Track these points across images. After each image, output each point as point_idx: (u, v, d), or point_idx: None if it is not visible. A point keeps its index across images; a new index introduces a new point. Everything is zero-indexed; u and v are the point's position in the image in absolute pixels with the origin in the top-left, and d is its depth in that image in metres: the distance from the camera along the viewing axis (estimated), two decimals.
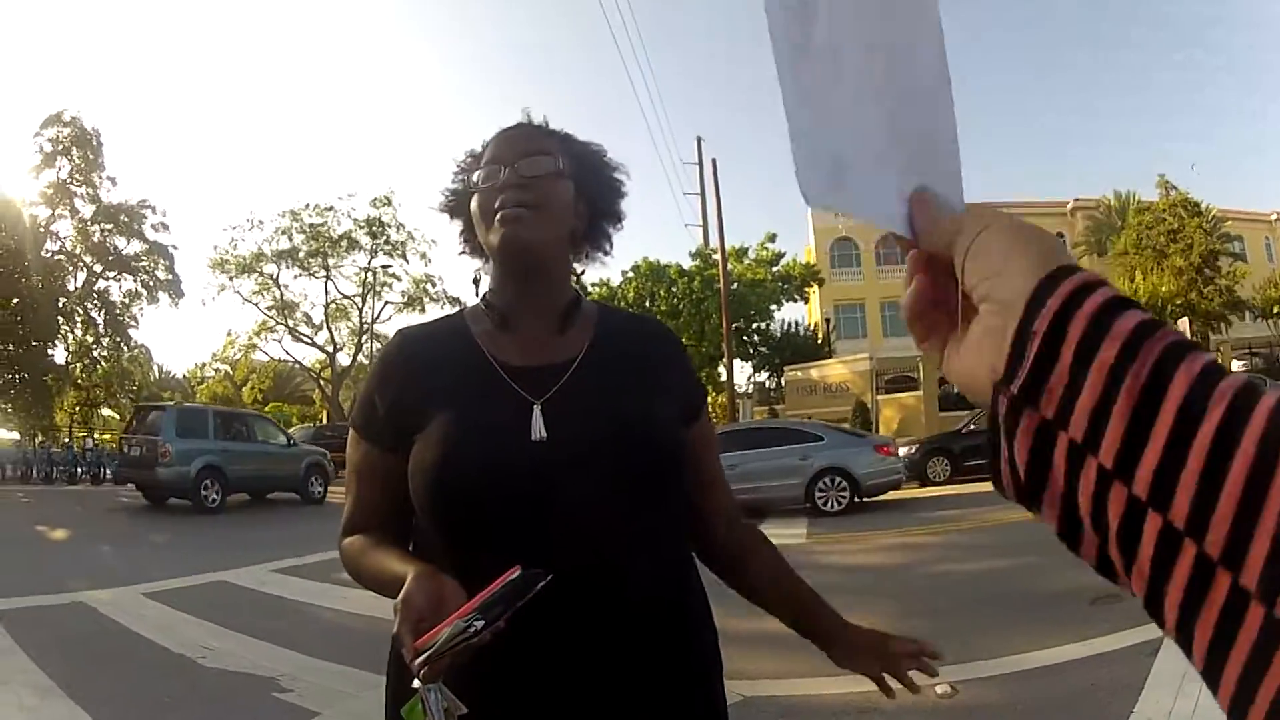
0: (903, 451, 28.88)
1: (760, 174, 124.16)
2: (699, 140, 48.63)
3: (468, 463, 1.90)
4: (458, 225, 2.29)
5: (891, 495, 25.46)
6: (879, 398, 41.01)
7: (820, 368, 46.04)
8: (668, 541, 2.05)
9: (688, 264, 51.85)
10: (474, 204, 2.07)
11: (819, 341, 56.30)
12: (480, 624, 1.54)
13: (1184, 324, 40.45)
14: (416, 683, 1.57)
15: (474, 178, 2.09)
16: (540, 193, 2.02)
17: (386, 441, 2.04)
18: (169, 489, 25.73)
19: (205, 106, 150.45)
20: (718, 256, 45.01)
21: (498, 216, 1.99)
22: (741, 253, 53.01)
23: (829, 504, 22.17)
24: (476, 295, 2.27)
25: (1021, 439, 0.72)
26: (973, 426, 29.91)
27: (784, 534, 17.96)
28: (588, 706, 1.86)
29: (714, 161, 45.55)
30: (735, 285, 47.62)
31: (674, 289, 50.05)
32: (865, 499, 22.63)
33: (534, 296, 2.10)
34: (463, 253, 2.31)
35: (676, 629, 2.01)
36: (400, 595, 1.65)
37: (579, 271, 2.35)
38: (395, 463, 1.99)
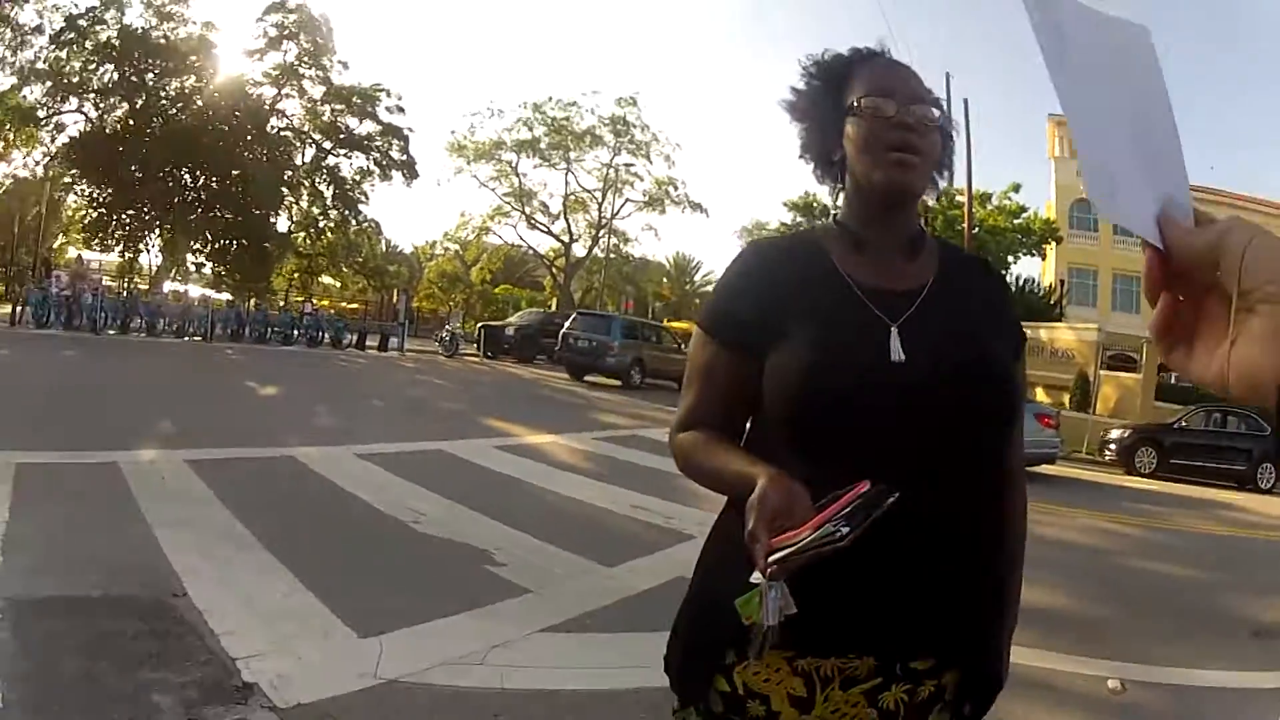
0: (1115, 434, 30.77)
1: (1008, 122, 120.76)
2: (948, 76, 47.27)
3: (833, 378, 1.97)
4: (796, 126, 2.29)
5: (1099, 478, 26.05)
6: (1101, 373, 40.17)
7: (1050, 330, 45.12)
8: (996, 478, 2.12)
9: (931, 201, 51.28)
10: (857, 128, 2.10)
11: (1050, 303, 55.17)
12: (846, 529, 1.62)
13: None
14: (756, 577, 1.69)
15: (859, 101, 2.11)
16: (926, 141, 2.09)
17: (741, 346, 2.12)
18: (612, 373, 36.03)
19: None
20: (963, 198, 44.56)
21: (891, 155, 2.05)
22: (985, 198, 52.64)
23: None
24: (834, 208, 2.31)
25: None
26: (1184, 424, 29.80)
27: None
28: (886, 617, 1.98)
29: (965, 100, 44.48)
30: (977, 230, 47.19)
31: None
32: None
33: (891, 225, 2.17)
34: (801, 156, 2.31)
35: (985, 563, 2.10)
36: (755, 494, 1.78)
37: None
38: (744, 367, 2.10)
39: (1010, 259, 52.93)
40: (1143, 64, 1.20)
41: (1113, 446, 30.12)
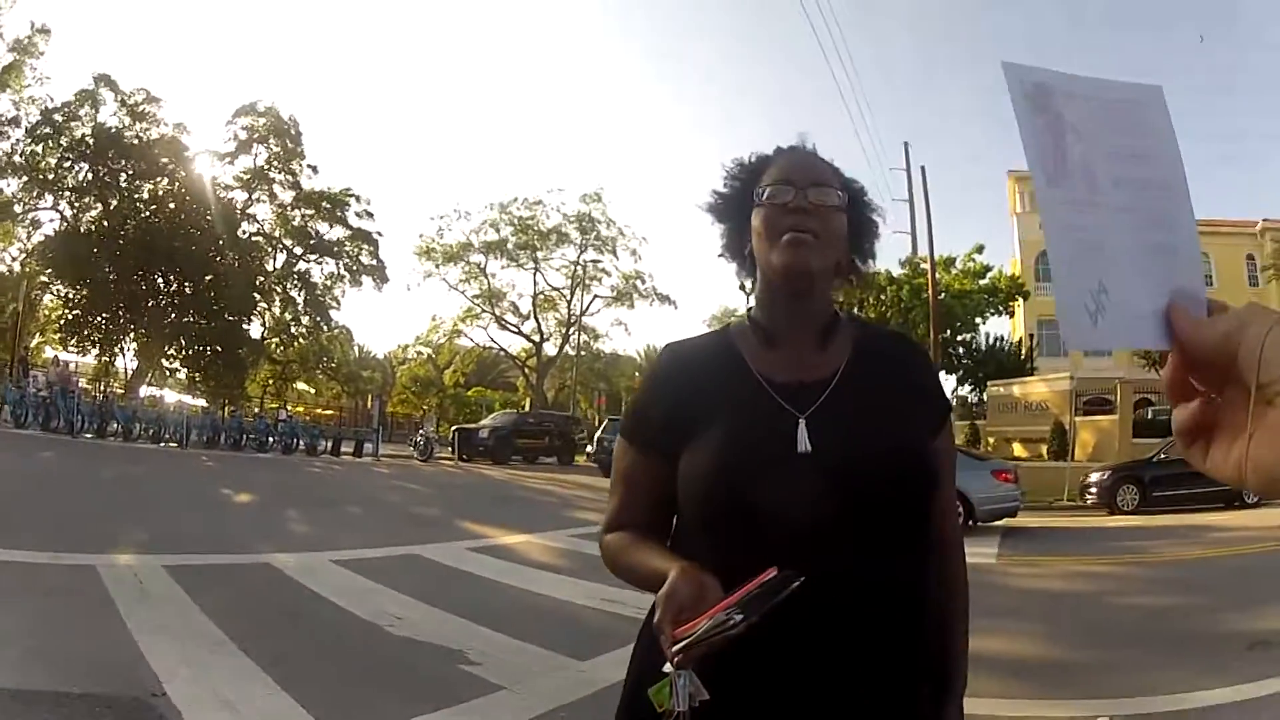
0: (1095, 477, 30.85)
1: (968, 182, 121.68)
2: (906, 145, 47.96)
3: (738, 472, 2.08)
4: (719, 228, 2.45)
5: (1082, 523, 26.49)
6: (1077, 419, 40.36)
7: (1022, 385, 45.77)
8: (914, 557, 2.16)
9: (896, 271, 51.39)
10: (759, 217, 2.24)
11: (1022, 358, 55.91)
12: (739, 617, 1.71)
13: None
14: (668, 667, 1.78)
15: (760, 192, 2.24)
16: (824, 223, 2.19)
17: (655, 449, 2.27)
18: None
19: (409, 98, 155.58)
20: (926, 266, 45.23)
21: (785, 238, 2.16)
22: (949, 263, 52.98)
23: None
24: (747, 302, 2.42)
25: None
26: (1163, 455, 29.61)
27: (976, 552, 18.15)
28: (813, 703, 2.02)
29: (923, 169, 45.09)
30: (943, 295, 47.53)
31: (883, 296, 49.80)
32: (979, 524, 22.32)
33: (799, 315, 2.27)
34: (721, 255, 2.47)
35: (908, 641, 2.12)
36: (664, 589, 1.87)
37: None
38: (661, 469, 2.23)
39: (978, 320, 53.45)
40: (1154, 130, 1.24)
41: (1093, 490, 30.33)
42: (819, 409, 2.15)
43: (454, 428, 52.80)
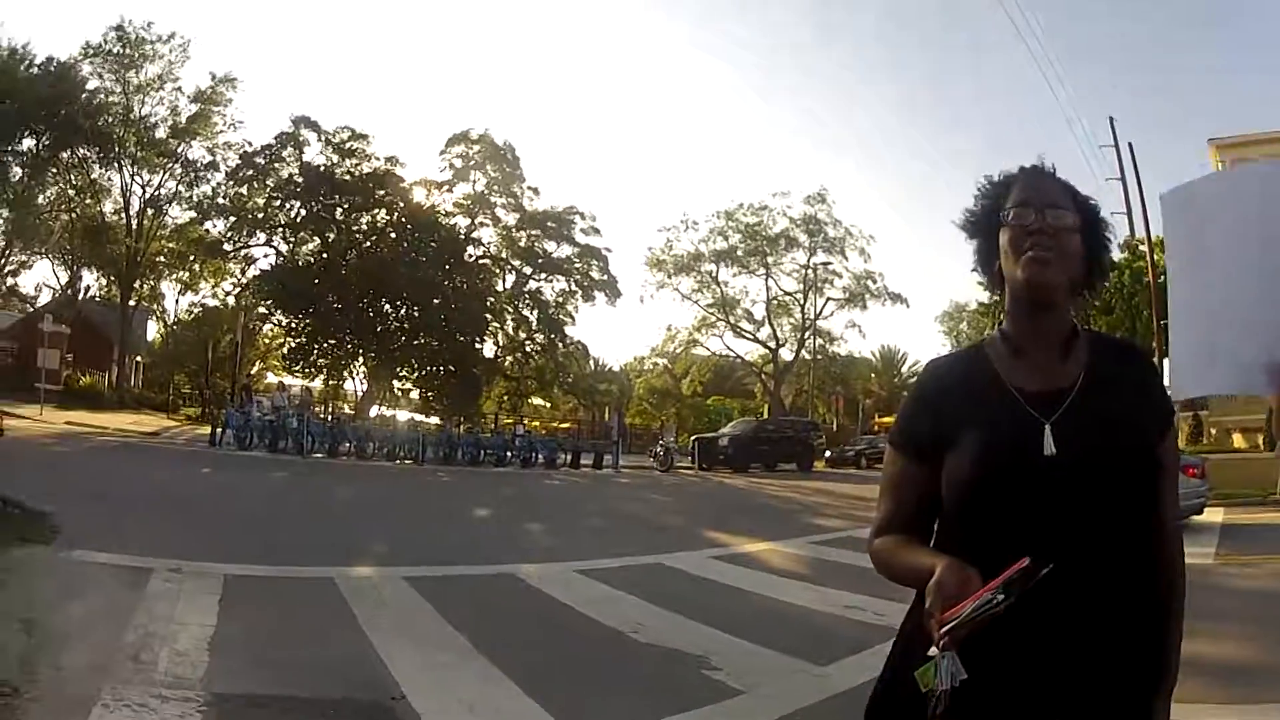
0: None
1: (1183, 155, 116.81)
2: (1111, 120, 46.18)
3: (993, 475, 2.32)
4: (971, 244, 2.67)
5: None
6: None
7: None
8: (1146, 548, 2.37)
9: (1116, 255, 50.04)
10: (1005, 237, 2.48)
11: None
12: (1001, 598, 1.93)
13: None
14: (933, 650, 2.01)
15: (1006, 214, 2.48)
16: (1060, 243, 2.41)
17: (921, 456, 2.50)
18: None
19: (623, 113, 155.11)
20: (1144, 248, 43.53)
21: (1027, 254, 2.39)
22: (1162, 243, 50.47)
23: None
24: (998, 313, 2.75)
25: None
26: None
27: (1193, 552, 17.92)
28: (1055, 682, 2.23)
29: (1130, 145, 43.56)
30: (1163, 278, 45.37)
31: (1105, 284, 48.76)
32: None
33: (1043, 327, 2.49)
34: (974, 269, 2.72)
35: (1139, 627, 2.33)
36: (933, 579, 2.11)
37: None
38: (926, 475, 2.47)
39: None
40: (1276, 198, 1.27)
41: None
42: (1063, 415, 2.35)
43: (693, 437, 52.97)
